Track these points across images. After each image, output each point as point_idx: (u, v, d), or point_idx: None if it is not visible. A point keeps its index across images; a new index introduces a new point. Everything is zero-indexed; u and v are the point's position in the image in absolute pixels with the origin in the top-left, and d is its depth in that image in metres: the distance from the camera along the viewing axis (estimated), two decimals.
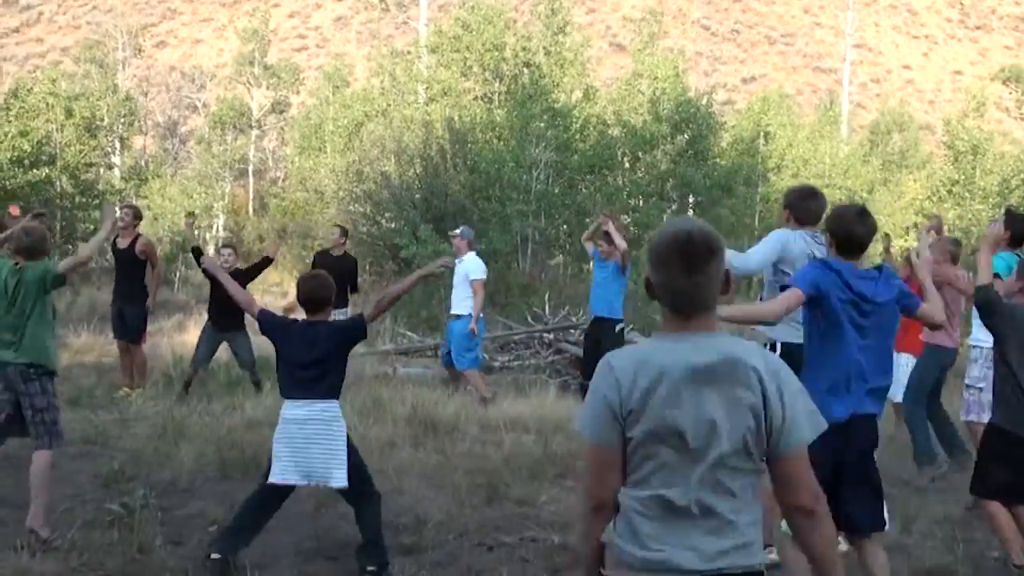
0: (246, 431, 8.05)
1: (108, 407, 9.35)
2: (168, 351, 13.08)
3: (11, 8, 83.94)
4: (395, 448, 7.91)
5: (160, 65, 64.62)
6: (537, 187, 22.28)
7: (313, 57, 74.09)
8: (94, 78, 41.26)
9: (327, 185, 30.61)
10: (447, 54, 29.74)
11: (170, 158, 47.93)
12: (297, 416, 5.24)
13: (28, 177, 27.63)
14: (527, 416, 9.23)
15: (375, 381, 11.19)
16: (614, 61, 64.22)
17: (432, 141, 24.33)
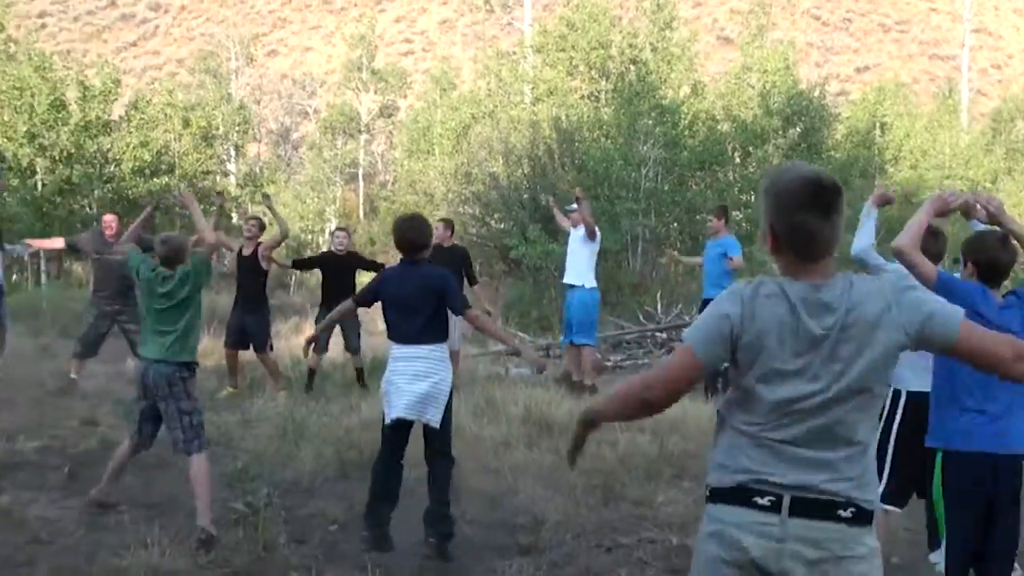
0: (363, 431, 8.17)
1: (231, 408, 9.61)
2: (286, 354, 13.36)
3: (129, 23, 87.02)
4: (510, 448, 7.95)
5: (272, 73, 66.14)
6: (646, 185, 22.13)
7: (420, 61, 74.94)
8: (209, 88, 42.47)
9: (436, 187, 30.92)
10: (552, 54, 29.77)
11: (283, 164, 49.00)
12: (407, 354, 5.37)
13: (148, 186, 28.58)
14: None
15: (488, 382, 11.27)
16: (722, 55, 63.36)
17: (539, 141, 24.38)
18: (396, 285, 5.50)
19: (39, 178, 27.34)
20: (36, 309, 18.47)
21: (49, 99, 27.19)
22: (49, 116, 27.18)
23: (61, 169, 27.26)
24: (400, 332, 5.46)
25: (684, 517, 6.23)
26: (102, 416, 9.04)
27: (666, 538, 5.90)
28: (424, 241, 5.55)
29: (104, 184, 27.99)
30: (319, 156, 42.70)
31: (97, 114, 28.39)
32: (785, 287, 2.58)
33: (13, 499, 6.15)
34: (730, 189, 24.81)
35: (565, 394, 10.30)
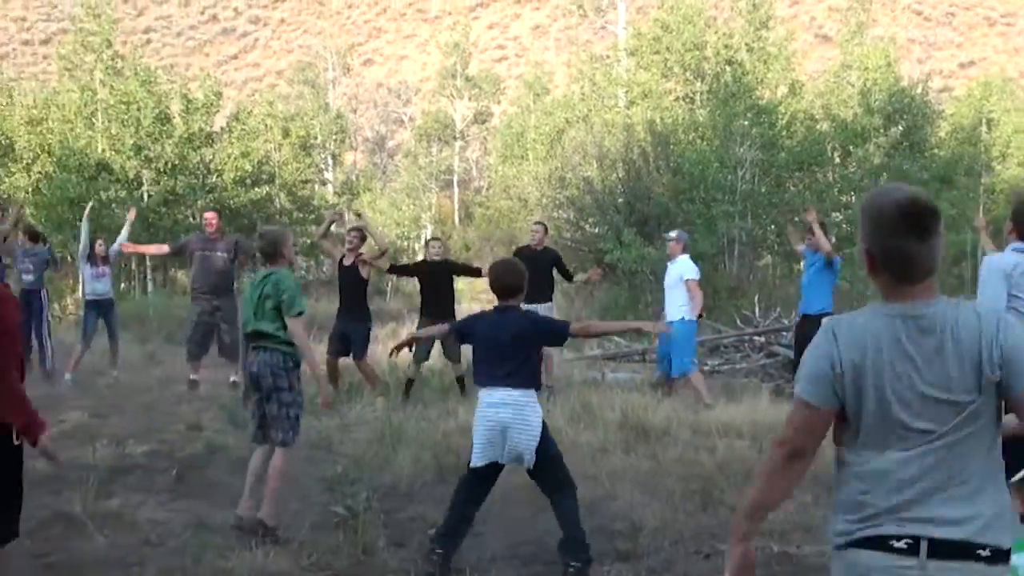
0: (460, 436, 8.23)
1: (330, 414, 9.77)
2: (383, 359, 13.53)
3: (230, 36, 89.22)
4: (607, 454, 7.92)
5: (368, 82, 67.16)
6: (743, 187, 21.87)
7: (513, 66, 75.31)
8: (307, 98, 43.33)
9: (530, 192, 31.02)
10: (647, 56, 29.63)
11: (379, 172, 49.69)
12: (494, 399, 5.34)
13: (250, 195, 29.24)
14: (740, 421, 9.06)
15: (584, 387, 11.25)
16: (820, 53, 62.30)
17: (634, 144, 24.28)
18: (488, 329, 5.50)
19: (145, 189, 28.15)
20: (143, 317, 19.05)
21: (154, 112, 28.00)
22: (154, 129, 27.98)
23: (166, 180, 28.04)
24: (488, 375, 5.44)
25: (784, 524, 6.13)
26: (207, 421, 9.27)
27: (766, 545, 5.81)
28: (520, 286, 5.54)
29: (207, 194, 28.70)
30: (414, 163, 43.19)
31: (200, 126, 29.15)
32: (884, 311, 2.54)
33: (124, 502, 6.34)
34: (829, 190, 24.40)
35: (662, 399, 10.23)
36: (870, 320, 2.55)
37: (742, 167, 22.03)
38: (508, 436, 5.28)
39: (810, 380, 2.58)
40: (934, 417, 2.47)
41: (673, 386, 10.97)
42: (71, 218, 25.74)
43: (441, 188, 44.64)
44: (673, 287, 10.84)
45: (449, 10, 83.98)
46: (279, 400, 5.93)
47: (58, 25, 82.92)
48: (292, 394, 5.97)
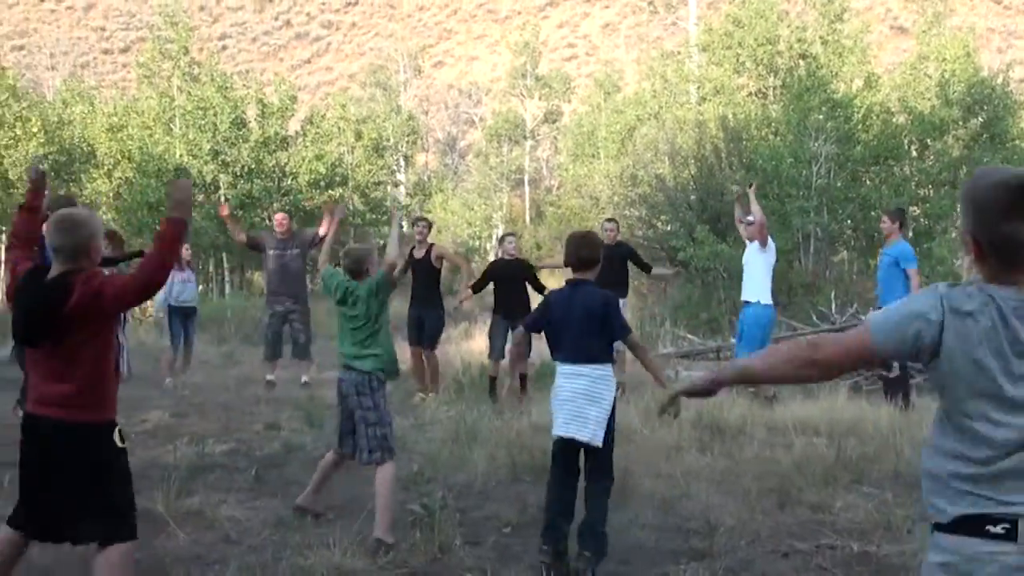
0: (534, 435, 8.24)
1: (405, 412, 9.85)
2: (456, 358, 13.63)
3: (303, 41, 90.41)
4: (681, 452, 7.87)
5: (438, 84, 67.56)
6: (818, 182, 21.57)
7: (583, 65, 75.17)
8: (379, 101, 43.73)
9: (602, 191, 30.95)
10: (718, 51, 29.37)
11: (450, 173, 49.98)
12: (570, 372, 5.37)
13: (324, 197, 29.58)
14: (817, 418, 8.95)
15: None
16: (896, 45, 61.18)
17: (706, 141, 24.10)
18: (563, 307, 5.51)
19: (222, 193, 28.67)
20: (221, 318, 19.37)
21: (230, 117, 28.50)
22: (231, 134, 28.51)
23: (242, 184, 28.55)
24: (564, 351, 5.46)
25: (864, 523, 6.03)
26: (285, 421, 9.40)
27: (846, 544, 5.73)
28: (595, 258, 5.54)
29: (282, 197, 29.14)
30: (485, 163, 43.35)
31: (275, 130, 29.63)
32: (994, 295, 2.43)
33: (204, 500, 6.45)
34: (907, 184, 23.93)
35: (737, 397, 10.14)
36: (980, 300, 2.43)
37: (817, 162, 21.73)
38: (581, 410, 5.30)
39: (890, 323, 2.51)
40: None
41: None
42: (151, 222, 26.33)
43: (512, 187, 44.73)
44: (750, 268, 10.81)
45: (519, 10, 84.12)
46: (364, 419, 5.99)
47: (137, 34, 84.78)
48: (376, 412, 6.00)
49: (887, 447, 7.81)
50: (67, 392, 4.04)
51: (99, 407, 4.12)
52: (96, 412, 4.11)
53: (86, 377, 4.06)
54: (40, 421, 4.08)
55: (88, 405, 4.07)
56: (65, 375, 4.04)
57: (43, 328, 4.02)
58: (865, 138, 24.07)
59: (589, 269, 5.54)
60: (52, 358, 4.07)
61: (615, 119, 34.82)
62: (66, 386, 4.04)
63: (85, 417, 4.07)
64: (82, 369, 4.05)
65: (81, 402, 4.05)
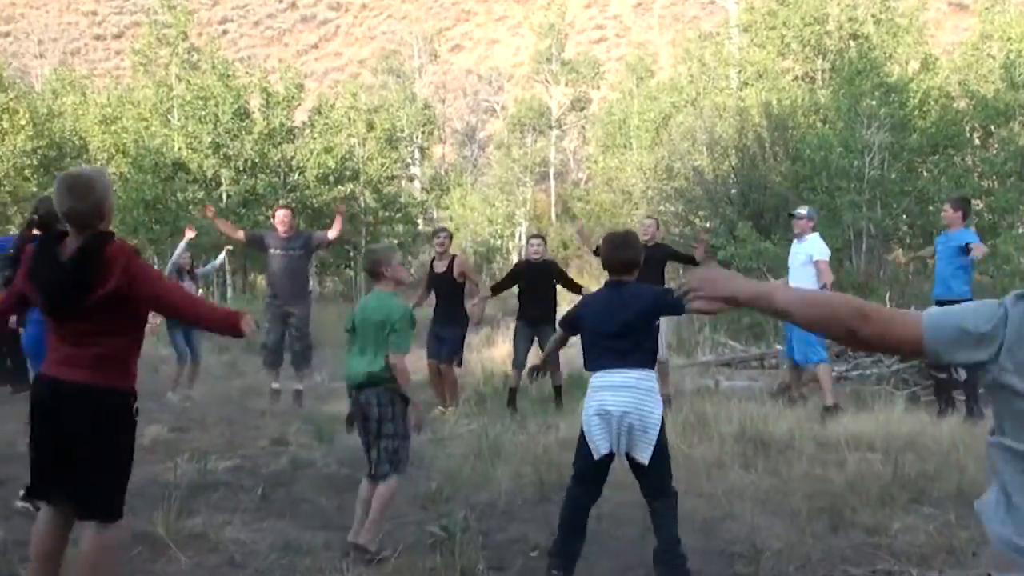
0: (562, 451, 8.23)
1: (423, 428, 9.86)
2: (478, 368, 13.65)
3: (309, 24, 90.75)
4: (724, 469, 7.85)
5: (456, 70, 67.68)
6: (871, 173, 21.45)
7: (613, 48, 75.08)
8: (392, 88, 43.87)
9: (634, 184, 30.93)
10: (761, 32, 29.29)
11: (469, 165, 50.07)
12: (611, 382, 5.32)
13: (334, 193, 29.67)
14: (871, 433, 8.90)
15: (697, 396, 11.17)
16: (955, 23, 60.82)
17: (748, 130, 24.04)
18: (601, 309, 5.50)
19: (224, 189, 28.81)
20: None
21: (233, 108, 28.64)
22: (233, 125, 28.64)
23: (245, 179, 28.68)
24: (603, 359, 5.43)
25: (924, 547, 6.00)
26: (292, 435, 9.43)
27: (905, 570, 5.70)
28: (636, 260, 5.54)
29: (288, 193, 29.25)
30: (507, 155, 43.40)
31: (281, 121, 29.75)
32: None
33: (207, 521, 6.47)
34: (968, 175, 23.77)
35: (783, 409, 10.10)
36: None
37: (869, 152, 21.61)
38: (625, 424, 5.26)
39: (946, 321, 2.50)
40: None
41: (800, 382, 10.89)
42: (147, 221, 26.49)
43: (537, 182, 44.77)
44: (800, 268, 10.81)
45: None
46: (380, 431, 6.00)
47: (131, 18, 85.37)
48: (393, 425, 6.00)
49: (949, 464, 7.75)
50: (96, 355, 4.19)
51: (125, 375, 4.30)
52: (122, 379, 4.28)
53: (117, 343, 4.25)
54: (61, 384, 4.21)
55: (115, 371, 4.25)
56: (95, 340, 4.20)
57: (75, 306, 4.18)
58: (922, 125, 23.93)
59: (629, 272, 5.54)
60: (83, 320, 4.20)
61: (648, 106, 34.78)
62: (95, 349, 4.19)
63: (111, 382, 4.23)
64: (113, 335, 4.23)
65: (107, 367, 4.22)
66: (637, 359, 5.33)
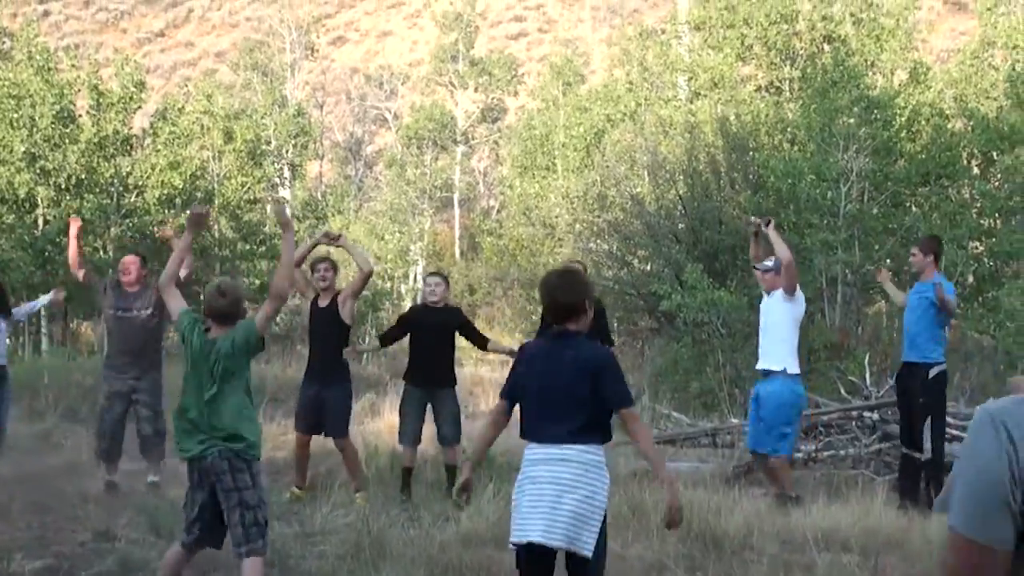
0: (464, 549, 8.21)
1: (285, 517, 9.76)
2: (359, 442, 13.54)
3: (154, 7, 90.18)
4: (664, 573, 7.90)
5: (338, 68, 67.73)
6: (848, 207, 21.85)
7: (535, 45, 75.76)
8: (257, 89, 43.73)
9: (559, 216, 31.14)
10: (717, 31, 29.74)
11: (353, 187, 49.98)
12: (547, 455, 5.34)
13: (180, 220, 29.31)
14: (846, 528, 9.03)
15: (632, 480, 11.21)
16: (952, 26, 62.52)
17: (700, 150, 24.34)
18: (541, 364, 5.52)
19: (40, 212, 28.36)
20: (35, 385, 19.09)
21: (54, 109, 28.24)
22: (54, 132, 28.22)
23: (68, 200, 28.24)
24: (541, 427, 5.44)
25: None
26: (122, 528, 9.27)
27: None
28: (582, 305, 5.56)
29: (123, 219, 28.89)
30: (401, 176, 43.45)
31: (115, 127, 29.37)
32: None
33: None
34: (965, 211, 24.32)
35: (739, 497, 10.19)
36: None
37: (847, 181, 22.00)
38: (563, 505, 5.27)
39: (976, 505, 2.41)
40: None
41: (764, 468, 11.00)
42: None
43: (437, 209, 44.88)
44: (774, 328, 10.88)
45: None
46: (242, 501, 5.98)
47: None
48: (256, 492, 6.04)
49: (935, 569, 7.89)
50: None
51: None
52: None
53: None
54: None
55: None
56: None
57: None
58: (910, 150, 24.41)
59: (573, 319, 5.55)
60: None
61: (577, 119, 35.09)
62: None
63: None
64: None
65: None
66: (583, 429, 5.36)
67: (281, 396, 16.62)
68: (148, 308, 11.34)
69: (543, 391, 5.44)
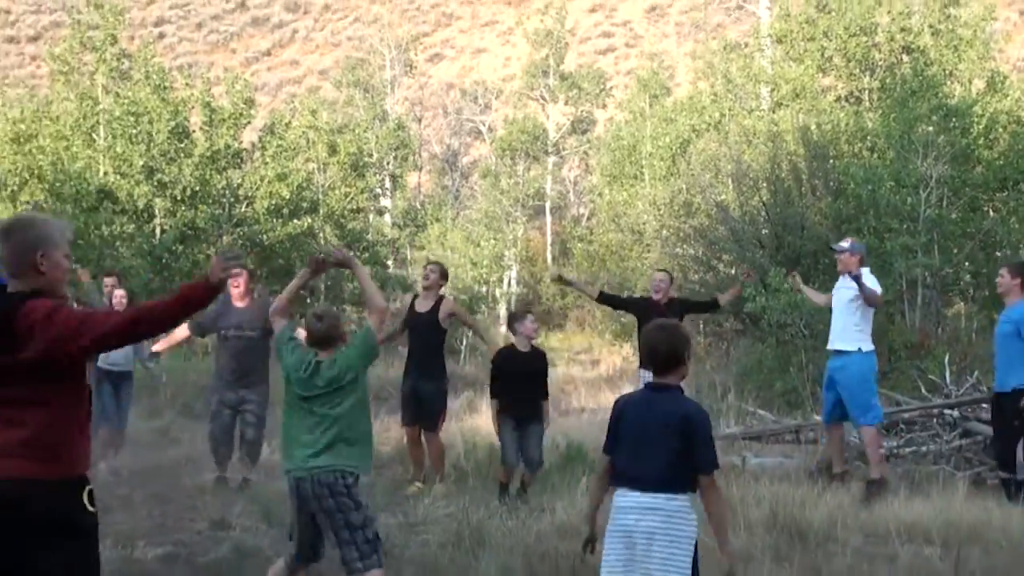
0: (559, 539, 8.23)
1: (390, 508, 9.84)
2: (458, 437, 13.61)
3: (261, 28, 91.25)
4: (752, 563, 7.84)
5: (435, 83, 68.01)
6: (927, 212, 21.56)
7: (622, 60, 75.61)
8: (359, 105, 44.04)
9: (646, 222, 31.03)
10: (798, 44, 29.52)
11: (450, 197, 50.15)
12: (636, 504, 5.33)
13: (288, 229, 29.66)
14: (927, 521, 8.91)
15: (720, 475, 11.14)
16: None
17: (782, 158, 24.16)
18: (634, 413, 5.51)
19: (158, 222, 28.82)
20: (154, 384, 19.39)
21: (170, 125, 28.68)
22: (170, 146, 28.67)
23: (183, 211, 28.67)
24: (631, 474, 5.43)
25: None
26: (235, 517, 9.40)
27: None
28: (678, 358, 5.52)
29: (234, 228, 29.26)
30: (495, 186, 43.48)
31: (226, 142, 29.78)
32: None
33: None
34: None
35: (823, 491, 10.10)
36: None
37: (926, 187, 21.73)
38: (652, 552, 5.27)
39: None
40: None
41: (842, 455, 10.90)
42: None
43: (530, 217, 44.88)
44: (845, 308, 10.80)
45: None
46: (347, 523, 6.07)
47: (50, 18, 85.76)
48: (360, 512, 6.11)
49: (1021, 560, 7.76)
50: (22, 439, 4.20)
51: (59, 459, 4.27)
52: (55, 465, 4.25)
53: (43, 421, 4.23)
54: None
55: (47, 457, 4.22)
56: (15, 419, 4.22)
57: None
58: (988, 156, 24.06)
59: (669, 372, 5.53)
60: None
61: (663, 130, 34.95)
62: (22, 431, 4.20)
63: (42, 471, 4.20)
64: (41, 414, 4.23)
65: (38, 453, 4.20)
66: (668, 480, 5.35)
67: (383, 394, 16.74)
68: (257, 329, 11.42)
69: (636, 440, 5.42)
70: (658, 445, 5.33)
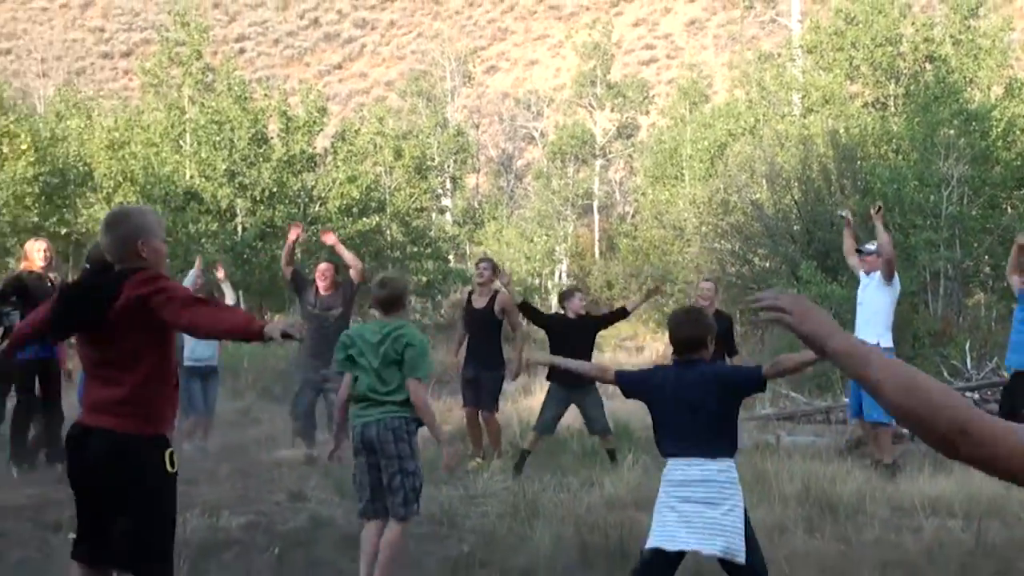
0: (608, 511, 8.22)
1: (452, 482, 9.87)
2: (514, 418, 13.64)
3: (332, 43, 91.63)
4: (785, 534, 7.79)
5: (492, 93, 68.08)
6: (949, 209, 21.37)
7: (664, 70, 75.28)
8: (422, 113, 44.14)
9: (687, 219, 30.93)
10: (827, 54, 29.34)
11: (505, 197, 50.19)
12: (686, 477, 5.29)
13: (358, 226, 29.82)
14: (951, 495, 8.82)
15: (755, 452, 11.11)
16: None
17: (812, 160, 24.01)
18: (672, 387, 5.47)
19: (239, 221, 29.05)
20: (236, 368, 19.54)
21: (250, 133, 28.91)
22: (250, 152, 28.89)
23: (263, 210, 28.89)
24: (675, 443, 5.41)
25: None
26: (311, 490, 9.46)
27: None
28: (703, 339, 5.52)
29: (309, 226, 29.43)
30: (547, 186, 43.47)
31: (301, 147, 29.98)
32: None
33: None
34: None
35: (852, 467, 10.03)
36: None
37: (947, 186, 21.54)
38: (713, 520, 5.23)
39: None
40: None
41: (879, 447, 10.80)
42: None
43: (579, 215, 44.83)
44: (872, 293, 10.71)
45: (587, 5, 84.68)
46: (402, 469, 6.07)
47: (141, 35, 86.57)
48: (415, 461, 6.12)
49: None
50: (118, 398, 4.39)
51: (149, 419, 4.47)
52: (145, 424, 4.45)
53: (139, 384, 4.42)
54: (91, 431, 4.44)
55: (139, 415, 4.42)
56: (116, 379, 4.41)
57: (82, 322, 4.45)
58: (1006, 157, 23.83)
59: (697, 350, 5.52)
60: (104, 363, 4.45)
61: (702, 134, 34.84)
62: (118, 391, 4.39)
63: (133, 428, 4.41)
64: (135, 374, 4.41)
65: (131, 411, 4.40)
66: (717, 446, 5.31)
67: (445, 378, 16.76)
68: (338, 309, 11.73)
69: (678, 411, 5.39)
70: (699, 409, 5.31)
